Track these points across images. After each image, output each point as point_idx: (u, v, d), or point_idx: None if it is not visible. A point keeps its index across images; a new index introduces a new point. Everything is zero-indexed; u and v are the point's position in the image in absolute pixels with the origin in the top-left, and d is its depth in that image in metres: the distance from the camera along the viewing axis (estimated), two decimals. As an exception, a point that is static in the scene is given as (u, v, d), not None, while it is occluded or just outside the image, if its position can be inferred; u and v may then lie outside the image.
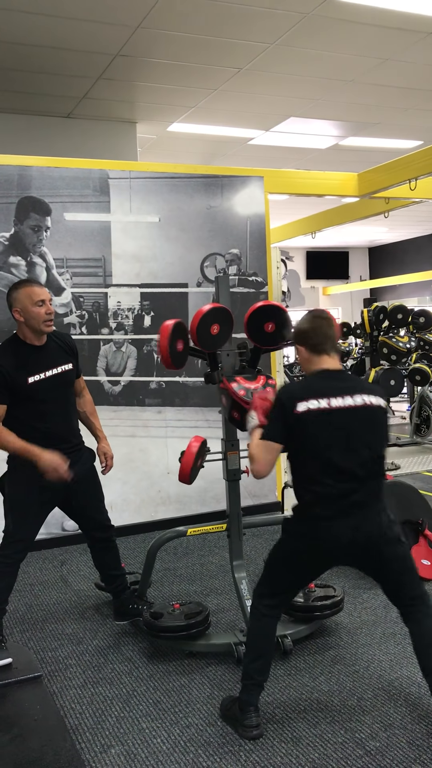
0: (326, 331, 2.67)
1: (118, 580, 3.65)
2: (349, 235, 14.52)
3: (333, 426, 2.54)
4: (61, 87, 6.08)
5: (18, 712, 2.95)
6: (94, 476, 3.53)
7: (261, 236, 5.78)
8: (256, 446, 2.62)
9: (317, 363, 2.67)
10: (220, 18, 4.88)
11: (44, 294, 3.26)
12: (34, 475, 3.25)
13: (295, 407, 2.53)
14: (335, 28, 5.12)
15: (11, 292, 3.27)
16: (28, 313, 3.23)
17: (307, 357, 2.69)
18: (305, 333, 2.69)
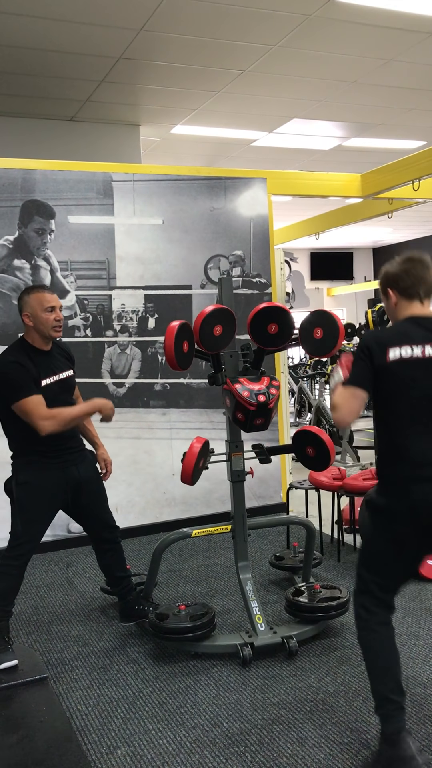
0: (421, 274, 2.40)
1: (124, 582, 3.66)
2: (353, 235, 14.51)
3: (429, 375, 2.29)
4: (64, 90, 6.10)
5: (24, 713, 2.96)
6: (98, 477, 3.55)
7: (264, 238, 5.78)
8: (340, 394, 2.33)
9: (407, 309, 2.40)
10: (223, 20, 4.89)
11: (55, 301, 3.31)
12: (43, 478, 3.28)
13: (387, 353, 2.29)
14: (338, 29, 5.12)
15: (22, 297, 3.32)
16: (38, 318, 3.26)
17: (396, 302, 2.42)
18: (396, 276, 2.42)
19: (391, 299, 2.45)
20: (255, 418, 3.25)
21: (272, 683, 3.08)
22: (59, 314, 3.30)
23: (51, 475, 3.32)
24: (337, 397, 2.35)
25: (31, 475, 3.31)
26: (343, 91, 6.40)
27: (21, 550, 3.33)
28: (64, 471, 3.36)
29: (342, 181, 6.61)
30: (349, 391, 2.31)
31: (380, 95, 6.56)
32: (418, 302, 2.40)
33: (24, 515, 3.32)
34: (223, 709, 2.89)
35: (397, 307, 2.44)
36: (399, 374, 2.30)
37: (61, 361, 3.43)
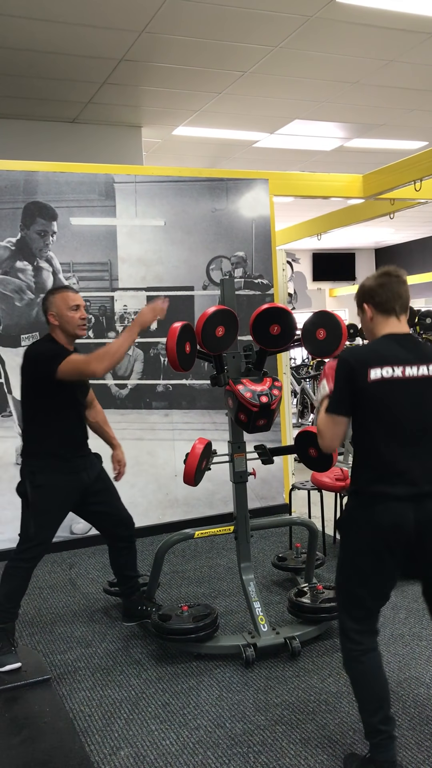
0: (397, 289, 2.36)
1: (132, 581, 3.67)
2: (355, 236, 14.51)
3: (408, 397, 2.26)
4: (66, 92, 6.11)
5: (28, 714, 2.96)
6: (106, 476, 3.58)
7: (266, 239, 5.79)
8: (322, 420, 2.31)
9: (384, 325, 2.35)
10: (224, 21, 4.90)
11: (79, 299, 3.34)
12: (58, 481, 3.30)
13: (368, 375, 2.24)
14: (339, 30, 5.13)
15: (47, 297, 3.36)
16: (63, 317, 3.29)
17: (372, 317, 2.38)
18: (372, 290, 2.38)
19: (366, 314, 2.41)
20: (257, 419, 3.25)
21: (275, 684, 3.09)
22: (84, 313, 3.34)
23: (66, 479, 3.34)
24: (321, 423, 2.33)
25: (47, 479, 3.31)
26: (345, 92, 6.40)
27: (32, 553, 3.34)
28: (77, 476, 3.37)
29: (344, 181, 6.61)
30: (331, 418, 2.29)
31: (382, 96, 6.57)
32: (395, 318, 2.37)
33: (38, 518, 3.32)
34: (226, 710, 2.89)
35: (373, 323, 2.39)
36: (379, 395, 2.26)
37: None
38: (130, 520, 3.62)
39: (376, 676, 2.36)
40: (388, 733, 2.33)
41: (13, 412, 5.04)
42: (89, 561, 4.90)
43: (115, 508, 3.56)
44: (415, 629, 3.57)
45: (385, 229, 13.57)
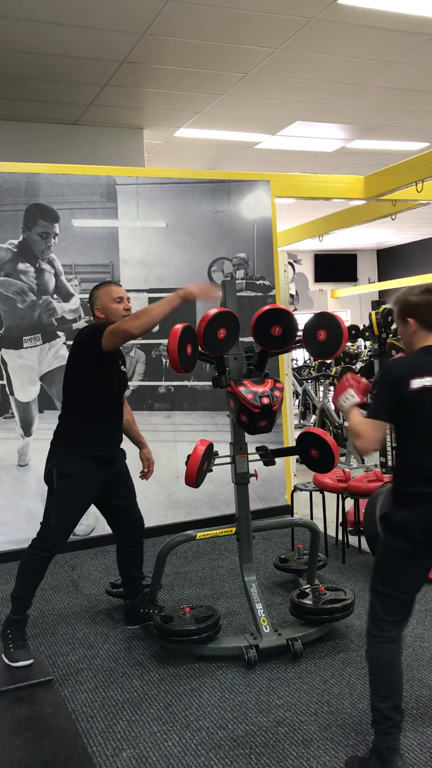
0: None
1: (135, 583, 3.69)
2: (357, 237, 14.52)
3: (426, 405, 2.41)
4: (68, 94, 6.12)
5: (30, 715, 2.96)
6: (128, 473, 3.64)
7: (268, 240, 5.79)
8: (363, 423, 2.43)
9: (424, 339, 2.49)
10: (226, 23, 4.90)
11: (122, 292, 3.46)
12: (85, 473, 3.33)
13: (410, 384, 2.39)
14: (340, 31, 5.13)
15: (93, 292, 3.48)
16: (108, 310, 3.40)
17: (416, 330, 2.50)
18: (418, 305, 2.50)
19: (410, 328, 2.53)
20: (259, 420, 3.25)
21: (277, 685, 3.08)
22: (128, 304, 3.45)
23: (93, 470, 3.37)
24: (361, 426, 2.44)
25: (74, 468, 3.32)
26: (346, 94, 6.41)
27: (52, 542, 3.34)
28: (105, 470, 3.42)
29: (345, 183, 6.61)
30: (374, 422, 2.43)
31: (383, 97, 6.57)
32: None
33: (61, 507, 3.32)
34: (228, 712, 2.89)
35: (415, 336, 2.52)
36: (423, 403, 2.40)
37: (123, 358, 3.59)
38: (142, 520, 3.67)
39: (394, 664, 2.43)
40: (395, 721, 2.37)
41: (15, 414, 5.04)
42: (91, 562, 4.90)
43: (132, 504, 3.62)
44: (417, 630, 3.56)
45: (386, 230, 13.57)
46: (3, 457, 4.99)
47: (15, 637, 3.34)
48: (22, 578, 3.37)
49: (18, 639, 3.34)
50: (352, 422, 2.49)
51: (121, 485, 3.56)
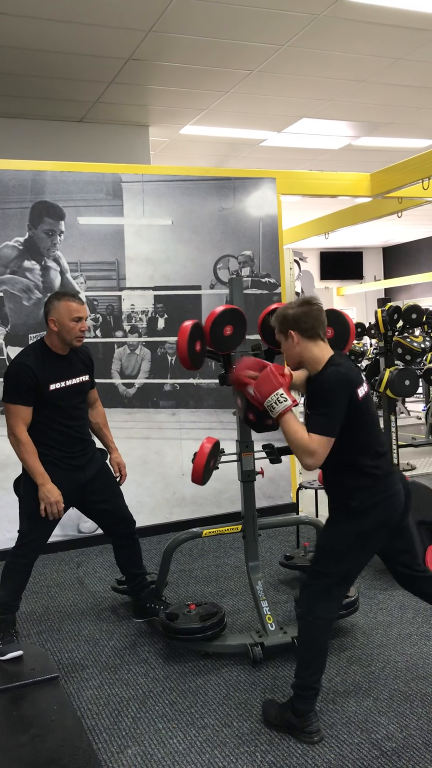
0: (319, 316, 2.63)
1: (139, 579, 3.69)
2: (363, 235, 14.48)
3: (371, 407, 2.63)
4: (74, 92, 6.12)
5: (36, 712, 2.97)
6: (108, 473, 3.58)
7: (274, 237, 5.78)
8: (317, 441, 2.47)
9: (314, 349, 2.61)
10: (232, 20, 4.89)
11: (83, 311, 3.32)
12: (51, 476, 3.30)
13: (358, 394, 2.54)
14: (346, 28, 5.12)
15: (51, 301, 3.34)
16: (64, 326, 3.29)
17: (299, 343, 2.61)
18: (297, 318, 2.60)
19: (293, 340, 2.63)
20: (266, 418, 3.25)
21: (282, 683, 3.08)
22: (84, 325, 3.34)
23: (57, 475, 3.34)
24: (315, 444, 2.47)
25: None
26: (352, 91, 6.39)
27: (27, 549, 3.39)
28: (71, 473, 3.38)
29: (351, 180, 6.60)
30: (327, 440, 2.48)
31: (389, 94, 6.55)
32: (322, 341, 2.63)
33: (29, 513, 3.37)
34: (234, 709, 2.90)
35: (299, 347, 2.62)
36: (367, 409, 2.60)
37: (78, 366, 3.45)
38: (130, 518, 3.62)
39: (327, 642, 2.71)
40: (316, 690, 2.68)
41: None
42: (97, 559, 4.91)
43: (115, 505, 3.57)
44: (422, 629, 3.56)
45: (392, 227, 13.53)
46: (9, 455, 4.99)
47: (3, 635, 3.41)
48: (5, 584, 3.43)
49: (6, 635, 3.41)
50: (300, 436, 2.49)
51: (101, 488, 3.50)
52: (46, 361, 3.32)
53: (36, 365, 3.28)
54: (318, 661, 2.67)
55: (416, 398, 10.95)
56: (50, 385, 3.29)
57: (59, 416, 3.35)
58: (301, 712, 2.66)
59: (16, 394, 3.25)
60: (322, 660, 2.68)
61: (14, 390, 3.26)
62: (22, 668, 3.29)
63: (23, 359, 3.32)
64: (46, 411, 3.31)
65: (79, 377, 3.42)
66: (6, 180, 5.02)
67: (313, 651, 2.66)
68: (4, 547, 4.75)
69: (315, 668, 2.66)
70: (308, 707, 2.66)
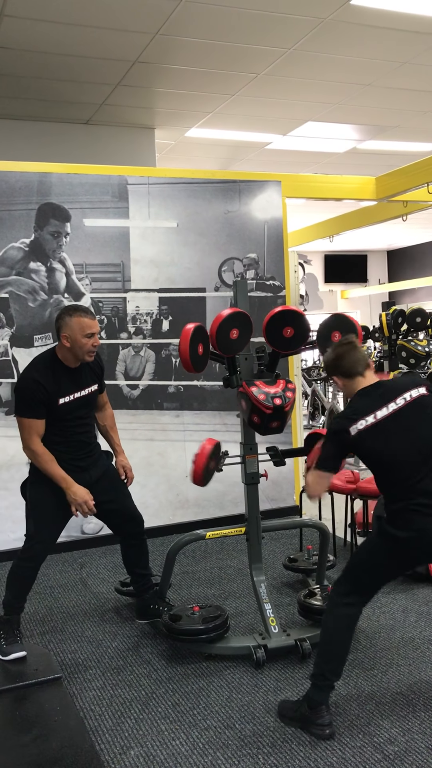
0: (352, 355, 2.81)
1: (144, 580, 3.70)
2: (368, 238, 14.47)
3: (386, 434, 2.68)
4: (80, 94, 6.14)
5: (39, 712, 2.98)
6: (113, 473, 3.59)
7: (279, 240, 5.79)
8: (311, 475, 2.80)
9: (355, 385, 2.81)
10: (238, 24, 4.91)
11: (95, 327, 3.31)
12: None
13: (349, 432, 2.68)
14: (353, 32, 5.13)
15: (63, 317, 3.31)
16: (76, 342, 3.28)
17: (344, 383, 2.84)
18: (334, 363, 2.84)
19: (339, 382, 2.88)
20: (271, 421, 3.26)
21: (285, 686, 3.09)
22: (97, 340, 3.32)
23: None
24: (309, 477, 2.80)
25: (41, 477, 3.35)
26: (358, 94, 6.40)
27: (33, 551, 3.39)
28: (77, 475, 3.38)
29: (356, 183, 6.60)
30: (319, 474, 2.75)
31: (395, 98, 6.56)
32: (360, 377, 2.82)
33: (35, 516, 3.39)
34: (236, 711, 2.90)
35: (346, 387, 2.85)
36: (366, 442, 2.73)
37: (87, 375, 3.44)
38: (139, 518, 3.63)
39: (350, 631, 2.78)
40: (331, 682, 2.74)
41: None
42: (100, 561, 4.92)
43: (123, 505, 3.58)
44: (425, 633, 3.56)
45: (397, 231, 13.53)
46: (13, 455, 5.01)
47: (6, 635, 3.42)
48: (10, 587, 3.44)
49: (10, 636, 3.42)
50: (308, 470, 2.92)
51: (108, 489, 3.50)
52: (56, 374, 3.32)
53: (45, 380, 3.27)
54: (338, 656, 2.74)
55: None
56: (59, 399, 3.30)
57: (66, 425, 3.37)
58: (315, 703, 2.72)
59: (28, 408, 3.26)
60: (342, 655, 2.75)
61: (26, 404, 3.27)
62: (26, 669, 3.29)
63: (33, 374, 3.31)
64: (52, 420, 3.33)
65: (88, 388, 3.43)
66: (12, 181, 5.04)
67: (333, 645, 2.75)
68: (8, 547, 4.78)
69: (336, 662, 2.74)
70: (322, 698, 2.73)
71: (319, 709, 2.71)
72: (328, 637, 2.77)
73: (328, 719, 2.71)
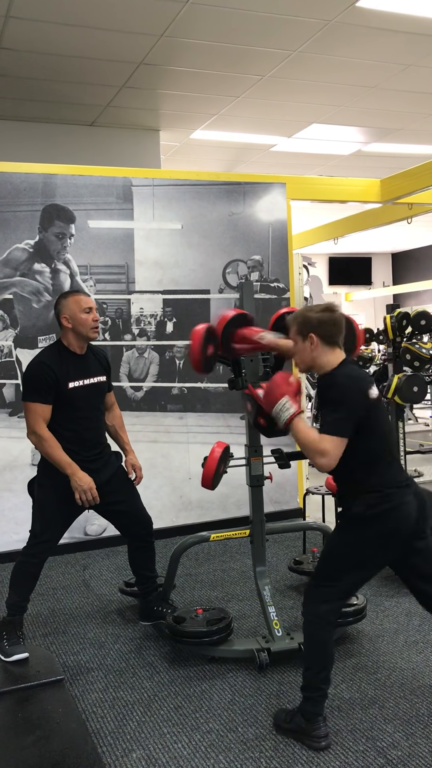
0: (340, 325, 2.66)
1: (150, 581, 3.69)
2: (372, 240, 14.46)
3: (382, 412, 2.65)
4: (85, 96, 6.15)
5: (40, 714, 2.97)
6: (123, 475, 3.59)
7: (283, 242, 5.78)
8: (329, 441, 2.49)
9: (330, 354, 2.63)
10: (243, 26, 4.91)
11: (91, 302, 3.39)
12: (61, 481, 3.31)
13: (368, 396, 2.56)
14: (358, 34, 5.12)
15: (60, 301, 3.40)
16: (77, 319, 3.33)
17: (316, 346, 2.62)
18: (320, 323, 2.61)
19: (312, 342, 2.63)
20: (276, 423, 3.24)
21: (288, 689, 3.07)
22: (96, 315, 3.39)
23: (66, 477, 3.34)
24: (327, 443, 2.49)
25: (50, 478, 3.36)
26: (363, 96, 6.39)
27: (38, 549, 3.40)
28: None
29: (361, 186, 6.60)
30: (338, 440, 2.50)
31: (400, 100, 6.55)
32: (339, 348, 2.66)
33: (42, 515, 3.39)
34: (239, 714, 2.89)
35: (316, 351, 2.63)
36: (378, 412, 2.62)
37: (95, 366, 3.48)
38: (148, 519, 3.63)
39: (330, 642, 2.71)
40: (324, 691, 2.68)
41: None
42: (103, 562, 4.91)
43: (132, 506, 3.58)
44: (429, 636, 3.54)
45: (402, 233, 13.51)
46: (17, 456, 5.01)
47: (9, 636, 3.42)
48: (14, 586, 3.44)
49: (13, 637, 3.41)
50: (308, 438, 2.55)
51: (117, 490, 3.50)
52: (64, 359, 3.36)
53: (54, 363, 3.32)
54: (320, 661, 2.66)
55: (424, 405, 10.92)
56: (69, 383, 3.32)
57: (77, 416, 3.37)
58: (309, 715, 2.65)
59: (35, 391, 3.28)
60: (326, 660, 2.67)
61: (33, 388, 3.29)
62: (28, 670, 3.29)
63: (41, 358, 3.38)
64: (64, 410, 3.33)
65: (96, 377, 3.46)
66: (17, 183, 5.04)
67: (314, 649, 2.68)
68: (11, 548, 4.77)
69: (318, 668, 2.66)
70: (316, 710, 2.66)
71: (316, 720, 2.65)
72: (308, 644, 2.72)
73: (324, 730, 2.64)
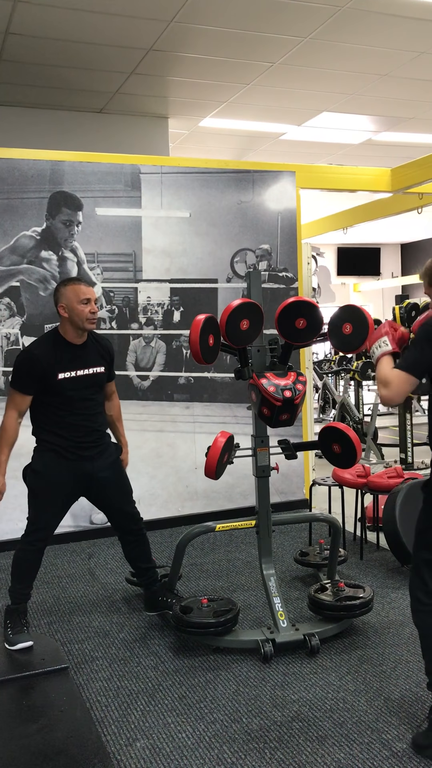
0: None
1: (149, 573, 3.68)
2: (381, 231, 14.37)
3: None
4: (93, 82, 6.10)
5: (45, 702, 2.97)
6: (119, 469, 3.56)
7: (292, 232, 5.74)
8: (394, 373, 2.42)
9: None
10: (254, 12, 4.85)
11: (90, 293, 3.32)
12: (52, 468, 3.33)
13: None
14: (370, 21, 5.06)
15: (58, 288, 3.36)
16: (73, 310, 3.29)
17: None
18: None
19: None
20: (281, 413, 3.22)
21: (293, 680, 3.07)
22: (94, 306, 3.32)
23: (62, 466, 3.35)
24: (391, 375, 2.42)
25: (42, 464, 3.37)
26: (374, 85, 6.33)
27: (35, 537, 3.40)
28: (77, 464, 3.37)
29: (371, 175, 6.54)
30: (406, 375, 2.40)
31: (412, 88, 6.48)
32: None
33: (38, 502, 3.40)
34: (243, 705, 2.88)
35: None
36: None
37: (94, 356, 3.43)
38: (136, 515, 3.59)
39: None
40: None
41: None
42: (108, 551, 4.91)
43: (123, 502, 3.54)
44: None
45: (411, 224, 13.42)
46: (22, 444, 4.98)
47: (14, 624, 3.43)
48: (15, 574, 3.45)
49: (17, 625, 3.42)
50: (383, 370, 2.48)
51: (110, 483, 3.47)
52: (58, 350, 3.32)
53: (44, 354, 3.28)
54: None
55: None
56: (59, 374, 3.28)
57: (69, 406, 3.34)
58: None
59: (18, 380, 3.31)
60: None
61: (17, 376, 3.31)
62: (32, 658, 3.29)
63: (32, 348, 3.37)
64: (55, 399, 3.32)
65: (92, 368, 3.40)
66: (25, 169, 5.01)
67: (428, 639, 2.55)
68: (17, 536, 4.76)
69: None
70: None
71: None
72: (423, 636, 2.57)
73: None
